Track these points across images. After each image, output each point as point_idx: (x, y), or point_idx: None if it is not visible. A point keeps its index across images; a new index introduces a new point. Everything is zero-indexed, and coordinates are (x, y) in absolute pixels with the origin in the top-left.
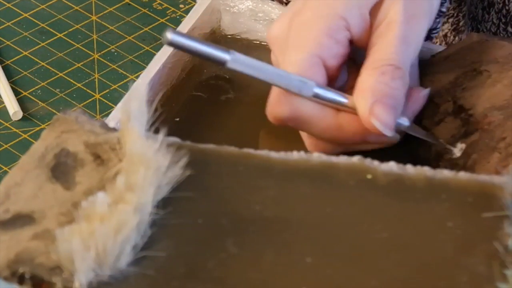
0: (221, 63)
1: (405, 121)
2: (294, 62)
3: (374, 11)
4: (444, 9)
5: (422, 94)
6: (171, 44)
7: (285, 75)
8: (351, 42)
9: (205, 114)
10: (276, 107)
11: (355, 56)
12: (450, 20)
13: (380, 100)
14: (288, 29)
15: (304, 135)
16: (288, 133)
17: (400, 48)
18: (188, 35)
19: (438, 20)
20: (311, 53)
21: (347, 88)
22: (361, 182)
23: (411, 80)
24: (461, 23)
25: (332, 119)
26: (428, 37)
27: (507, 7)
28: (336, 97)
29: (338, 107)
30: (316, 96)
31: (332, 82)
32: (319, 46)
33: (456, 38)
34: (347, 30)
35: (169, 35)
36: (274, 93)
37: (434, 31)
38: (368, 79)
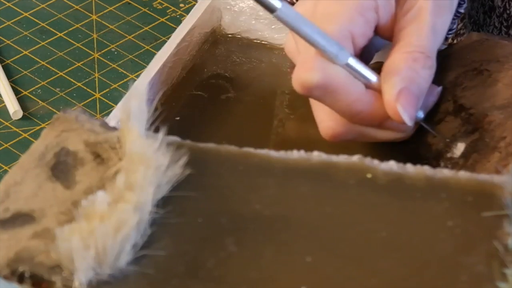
0: (270, 10)
1: (420, 114)
2: (326, 31)
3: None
4: (462, 10)
5: (436, 90)
6: None
7: (325, 36)
8: (376, 28)
9: (205, 113)
10: (307, 71)
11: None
12: None
13: (407, 87)
14: (313, 11)
15: (321, 116)
16: (288, 132)
17: (431, 36)
18: None
19: (454, 20)
20: (343, 26)
21: None
22: (361, 181)
23: None
24: (459, 26)
25: (363, 92)
26: (445, 38)
27: (508, 11)
28: (367, 72)
29: (365, 82)
30: (348, 66)
31: None
32: (351, 21)
33: (455, 41)
34: (376, 12)
35: None
36: (305, 57)
37: (450, 32)
38: (400, 63)
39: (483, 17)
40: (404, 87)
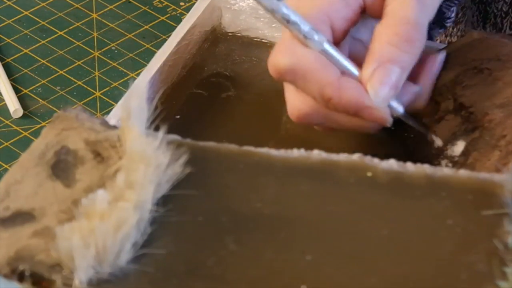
0: None
1: (400, 108)
2: (303, 15)
3: None
4: None
5: (412, 90)
6: None
7: (300, 19)
8: (363, 10)
9: (206, 112)
10: (279, 55)
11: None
12: None
13: (384, 66)
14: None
15: (289, 95)
16: (288, 131)
17: (417, 7)
18: None
19: (452, 9)
20: (320, 10)
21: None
22: (361, 179)
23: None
24: (459, 15)
25: (335, 77)
26: (443, 26)
27: None
28: (342, 58)
29: (343, 69)
30: (324, 52)
31: (335, 46)
32: (329, 5)
33: (455, 29)
34: None
35: None
36: (279, 42)
37: (448, 20)
38: (381, 38)
39: None
40: (379, 65)
